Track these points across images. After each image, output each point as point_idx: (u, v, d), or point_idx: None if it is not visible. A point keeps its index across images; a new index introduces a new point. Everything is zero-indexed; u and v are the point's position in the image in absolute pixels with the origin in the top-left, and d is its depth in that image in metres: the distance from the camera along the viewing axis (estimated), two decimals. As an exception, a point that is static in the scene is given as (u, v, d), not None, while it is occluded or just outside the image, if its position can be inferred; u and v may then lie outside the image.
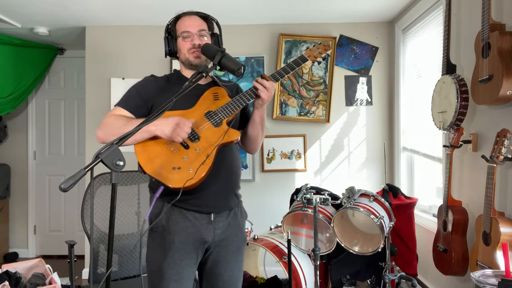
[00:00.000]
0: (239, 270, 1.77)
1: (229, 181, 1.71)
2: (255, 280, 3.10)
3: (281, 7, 3.44)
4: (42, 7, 3.37)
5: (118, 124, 1.57)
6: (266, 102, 1.68)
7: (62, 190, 1.11)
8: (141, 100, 1.67)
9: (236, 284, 1.75)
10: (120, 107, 1.66)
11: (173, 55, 1.77)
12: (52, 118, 4.72)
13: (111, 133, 1.57)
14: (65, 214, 4.69)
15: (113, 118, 1.61)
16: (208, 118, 1.63)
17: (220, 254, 1.71)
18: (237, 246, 1.75)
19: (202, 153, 1.57)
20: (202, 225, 1.65)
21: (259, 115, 1.74)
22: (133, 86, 1.73)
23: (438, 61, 2.83)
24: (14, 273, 2.33)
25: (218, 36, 1.81)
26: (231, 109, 1.64)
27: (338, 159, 3.87)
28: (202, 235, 1.65)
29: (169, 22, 1.77)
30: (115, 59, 3.89)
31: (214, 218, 1.67)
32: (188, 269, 1.65)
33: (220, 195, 1.68)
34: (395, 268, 2.68)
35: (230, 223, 1.72)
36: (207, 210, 1.65)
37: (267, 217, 3.55)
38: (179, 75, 1.78)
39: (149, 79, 1.76)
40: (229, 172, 1.70)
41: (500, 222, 1.90)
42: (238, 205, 1.78)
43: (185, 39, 1.71)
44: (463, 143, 2.37)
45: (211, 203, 1.65)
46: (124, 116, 1.63)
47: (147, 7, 3.40)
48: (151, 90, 1.70)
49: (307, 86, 3.82)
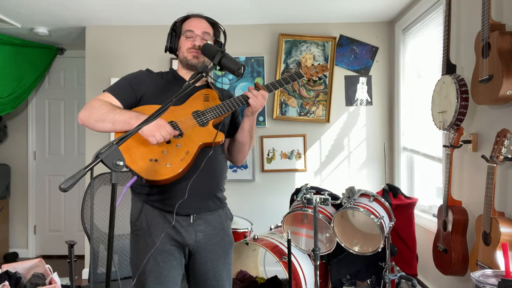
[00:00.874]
0: (228, 273, 1.75)
1: (210, 183, 1.68)
2: (255, 280, 3.10)
3: (281, 7, 3.44)
4: (42, 7, 3.37)
5: (102, 110, 1.56)
6: (257, 111, 1.67)
7: (62, 190, 1.11)
8: (131, 90, 1.66)
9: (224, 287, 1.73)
10: (109, 93, 1.65)
11: (173, 52, 1.77)
12: (52, 118, 4.72)
13: (93, 117, 1.56)
14: (65, 214, 4.69)
15: (99, 103, 1.59)
16: (195, 117, 1.62)
17: (206, 259, 1.69)
18: (224, 249, 1.73)
19: (183, 150, 1.56)
20: (183, 227, 1.63)
21: (249, 123, 1.73)
22: (125, 76, 1.73)
23: (438, 61, 2.83)
24: (14, 273, 2.33)
25: (222, 44, 1.82)
26: (220, 111, 1.63)
27: (338, 159, 3.87)
28: (183, 237, 1.63)
29: (177, 20, 1.78)
30: (115, 59, 3.89)
31: (193, 220, 1.64)
32: (173, 272, 1.63)
33: (199, 197, 1.65)
34: (395, 268, 2.68)
35: (214, 226, 1.70)
36: (185, 212, 1.62)
37: (267, 217, 3.54)
38: (174, 74, 1.78)
39: (143, 72, 1.76)
40: (211, 174, 1.68)
41: (500, 222, 1.90)
42: (221, 207, 1.75)
43: (188, 38, 1.71)
44: (463, 143, 2.37)
45: (189, 204, 1.61)
46: (110, 103, 1.60)
47: (147, 7, 3.40)
48: (143, 83, 1.69)
49: (307, 86, 3.82)
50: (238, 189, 3.80)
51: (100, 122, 1.56)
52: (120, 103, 1.63)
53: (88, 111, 1.58)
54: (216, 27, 1.79)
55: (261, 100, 1.64)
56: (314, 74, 1.81)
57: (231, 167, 3.82)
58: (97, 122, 1.56)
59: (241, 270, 3.17)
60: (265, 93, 1.65)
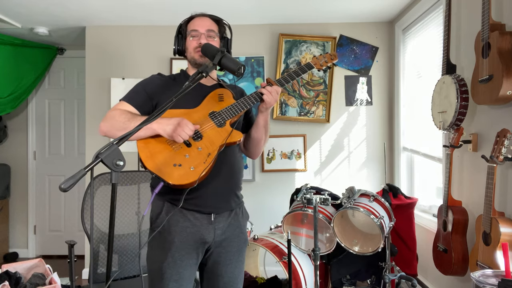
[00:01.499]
0: (240, 271, 1.77)
1: (230, 182, 1.71)
2: (255, 280, 3.10)
3: (281, 7, 3.44)
4: (42, 7, 3.37)
5: (123, 119, 1.58)
6: (271, 106, 1.69)
7: (62, 190, 1.11)
8: (146, 96, 1.68)
9: (237, 285, 1.75)
10: (126, 102, 1.67)
11: (182, 54, 1.79)
12: (52, 118, 4.72)
13: (115, 127, 1.58)
14: (65, 214, 4.69)
15: (119, 112, 1.61)
16: (212, 118, 1.64)
17: (220, 255, 1.71)
18: (238, 247, 1.75)
19: (204, 152, 1.57)
20: (203, 225, 1.65)
21: (264, 118, 1.74)
22: (139, 82, 1.74)
23: (438, 61, 2.83)
24: (14, 273, 2.33)
25: (229, 40, 1.82)
26: (235, 110, 1.64)
27: (338, 159, 3.87)
28: (202, 235, 1.65)
29: (182, 22, 1.79)
30: (115, 59, 3.89)
31: (214, 219, 1.67)
32: (188, 269, 1.65)
33: (221, 196, 1.68)
34: (395, 268, 2.68)
35: (231, 224, 1.72)
36: (207, 211, 1.65)
37: (267, 217, 3.54)
38: (185, 74, 1.80)
39: (156, 77, 1.77)
40: (230, 173, 1.71)
41: (500, 222, 1.90)
42: (239, 205, 1.78)
43: (193, 38, 1.73)
44: (463, 143, 2.37)
45: (211, 203, 1.65)
46: (129, 112, 1.63)
47: (147, 7, 3.40)
48: (157, 88, 1.71)
49: (307, 86, 3.82)
50: (238, 189, 3.80)
51: (122, 131, 1.56)
52: (137, 110, 1.65)
53: (109, 123, 1.60)
54: (221, 24, 1.80)
55: (275, 96, 1.66)
56: (324, 64, 1.80)
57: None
58: (119, 131, 1.57)
59: (241, 270, 3.17)
60: (278, 88, 1.67)
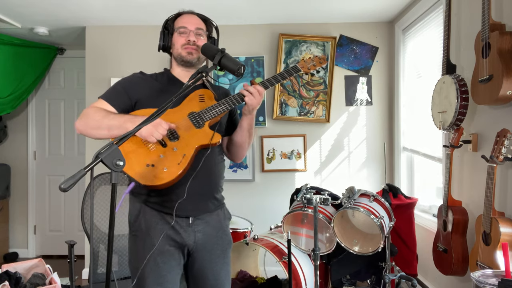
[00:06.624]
0: (226, 273, 1.74)
1: (208, 185, 1.68)
2: (255, 280, 3.10)
3: (281, 7, 3.44)
4: (42, 7, 3.37)
5: (97, 117, 1.56)
6: (254, 109, 1.65)
7: (62, 190, 1.11)
8: (125, 95, 1.65)
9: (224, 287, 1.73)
10: (104, 100, 1.64)
11: (167, 50, 1.76)
12: (52, 118, 4.72)
13: (89, 124, 1.57)
14: (65, 214, 4.69)
15: (93, 110, 1.60)
16: (191, 119, 1.61)
17: (205, 258, 1.68)
18: (222, 249, 1.72)
19: (179, 153, 1.54)
20: (182, 228, 1.62)
21: (248, 122, 1.71)
22: (119, 80, 1.72)
23: (438, 61, 2.83)
24: (14, 273, 2.33)
25: (216, 40, 1.80)
26: (215, 112, 1.61)
27: (338, 159, 3.87)
28: (182, 238, 1.62)
29: (169, 18, 1.77)
30: (115, 59, 3.89)
31: (192, 222, 1.64)
32: (172, 272, 1.62)
33: (198, 199, 1.64)
34: (395, 268, 2.68)
35: (213, 226, 1.69)
36: (184, 214, 1.62)
37: (267, 217, 3.54)
38: (168, 74, 1.76)
39: (137, 75, 1.74)
40: (208, 175, 1.66)
41: (500, 222, 1.90)
42: (219, 207, 1.74)
43: (181, 34, 1.70)
44: (463, 143, 2.37)
45: (188, 206, 1.61)
46: (104, 109, 1.60)
47: (146, 7, 3.40)
48: (137, 87, 1.68)
49: (307, 86, 3.82)
50: (238, 189, 3.80)
51: (96, 129, 1.57)
52: (115, 109, 1.62)
53: (83, 120, 1.59)
54: (208, 23, 1.78)
55: (258, 97, 1.61)
56: (312, 68, 1.75)
57: (231, 167, 3.82)
58: (93, 130, 1.57)
59: (241, 270, 3.17)
60: (261, 89, 1.62)
